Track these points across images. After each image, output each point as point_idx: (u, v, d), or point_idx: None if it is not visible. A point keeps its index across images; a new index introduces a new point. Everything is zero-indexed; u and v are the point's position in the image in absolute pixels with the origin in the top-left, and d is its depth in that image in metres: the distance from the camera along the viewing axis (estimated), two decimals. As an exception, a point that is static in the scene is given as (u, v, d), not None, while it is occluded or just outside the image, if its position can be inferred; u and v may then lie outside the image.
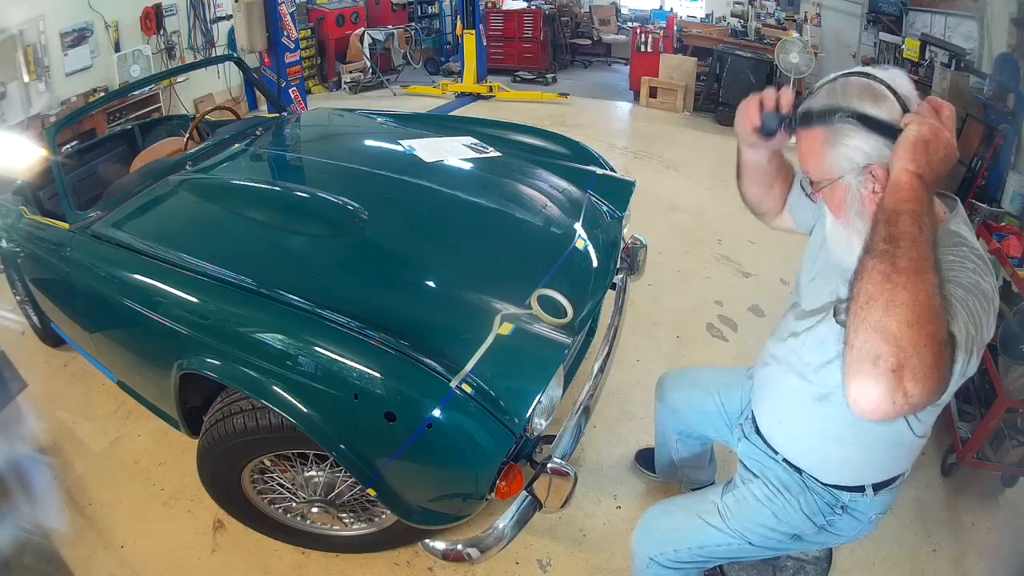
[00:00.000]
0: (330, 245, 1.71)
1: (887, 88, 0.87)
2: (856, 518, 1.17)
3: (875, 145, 0.88)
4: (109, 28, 4.76)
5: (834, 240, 1.02)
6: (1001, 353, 2.01)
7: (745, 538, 1.20)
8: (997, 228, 2.25)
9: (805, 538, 1.20)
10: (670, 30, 6.77)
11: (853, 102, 0.88)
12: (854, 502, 1.15)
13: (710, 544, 1.23)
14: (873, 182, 0.91)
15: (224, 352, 1.44)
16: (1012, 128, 3.92)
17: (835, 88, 0.91)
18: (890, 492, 1.16)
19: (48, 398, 2.42)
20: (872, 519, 1.18)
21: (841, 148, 0.90)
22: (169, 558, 1.77)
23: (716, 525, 1.22)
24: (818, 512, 1.16)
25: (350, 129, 2.70)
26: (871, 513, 1.17)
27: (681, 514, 1.28)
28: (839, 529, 1.18)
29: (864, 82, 0.89)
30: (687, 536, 1.25)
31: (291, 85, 5.77)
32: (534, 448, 1.43)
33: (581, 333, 1.63)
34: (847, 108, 0.89)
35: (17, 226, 2.24)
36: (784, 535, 1.19)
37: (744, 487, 1.25)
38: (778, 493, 1.19)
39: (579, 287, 1.67)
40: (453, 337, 1.39)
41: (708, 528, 1.23)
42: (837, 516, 1.16)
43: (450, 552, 1.33)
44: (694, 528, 1.24)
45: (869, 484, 1.13)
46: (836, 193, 0.95)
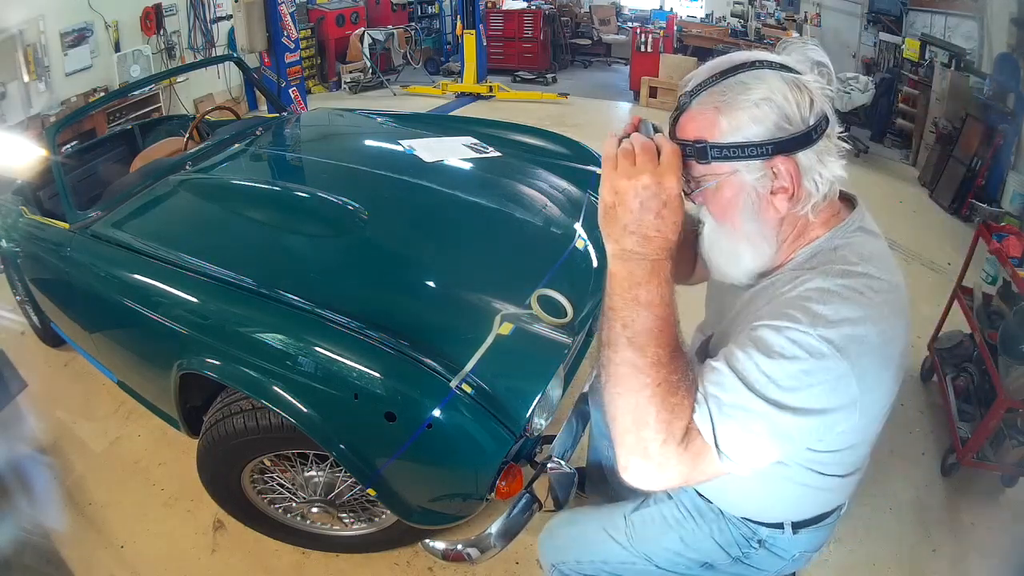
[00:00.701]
0: (330, 245, 1.71)
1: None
2: (776, 554, 1.04)
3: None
4: (109, 28, 4.77)
5: (713, 250, 0.84)
6: (1001, 353, 2.00)
7: (651, 560, 1.10)
8: (997, 228, 2.24)
9: (718, 568, 1.08)
10: (670, 30, 6.78)
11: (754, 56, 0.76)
12: (772, 538, 1.02)
13: (613, 560, 1.13)
14: (774, 179, 0.76)
15: (224, 352, 1.44)
16: (1012, 128, 3.92)
17: (719, 63, 0.78)
18: (819, 530, 1.02)
19: (48, 398, 2.42)
20: (797, 556, 1.05)
21: (740, 115, 0.74)
22: (169, 558, 1.77)
23: (620, 542, 1.12)
24: (733, 543, 1.04)
25: (350, 129, 2.70)
26: (794, 551, 1.04)
27: (587, 524, 1.18)
28: (757, 563, 1.06)
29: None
30: (590, 548, 1.16)
31: (291, 85, 5.77)
32: (534, 448, 1.43)
33: (581, 333, 1.63)
34: (748, 61, 0.76)
35: (17, 226, 2.24)
36: (693, 561, 1.08)
37: (655, 507, 1.13)
38: (689, 517, 1.08)
39: (579, 287, 1.67)
40: (453, 337, 1.39)
41: (612, 543, 1.12)
42: (753, 550, 1.04)
43: (450, 552, 1.33)
44: (598, 541, 1.14)
45: (787, 522, 1.00)
46: (723, 193, 0.78)
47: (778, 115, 0.73)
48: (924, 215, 4.17)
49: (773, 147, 0.74)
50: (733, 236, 0.81)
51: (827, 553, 1.77)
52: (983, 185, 4.02)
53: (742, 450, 0.72)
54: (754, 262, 0.82)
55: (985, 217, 2.75)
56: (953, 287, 2.42)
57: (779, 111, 0.73)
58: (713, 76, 0.77)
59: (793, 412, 0.70)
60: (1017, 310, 2.06)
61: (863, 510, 1.91)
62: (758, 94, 0.73)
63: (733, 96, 0.74)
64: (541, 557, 1.25)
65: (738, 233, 0.80)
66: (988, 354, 2.03)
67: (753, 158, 0.74)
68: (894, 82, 5.31)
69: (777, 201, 0.77)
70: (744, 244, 0.81)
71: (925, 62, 5.01)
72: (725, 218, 0.80)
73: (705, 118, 0.76)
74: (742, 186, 0.77)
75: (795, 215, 0.79)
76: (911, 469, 2.08)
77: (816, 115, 0.74)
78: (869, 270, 0.75)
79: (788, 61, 0.77)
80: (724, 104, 0.75)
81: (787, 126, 0.73)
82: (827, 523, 1.03)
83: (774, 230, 0.81)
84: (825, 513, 1.02)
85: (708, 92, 0.76)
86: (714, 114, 0.75)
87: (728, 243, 0.82)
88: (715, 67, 0.78)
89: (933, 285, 3.17)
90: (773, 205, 0.77)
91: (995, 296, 2.29)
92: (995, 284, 2.36)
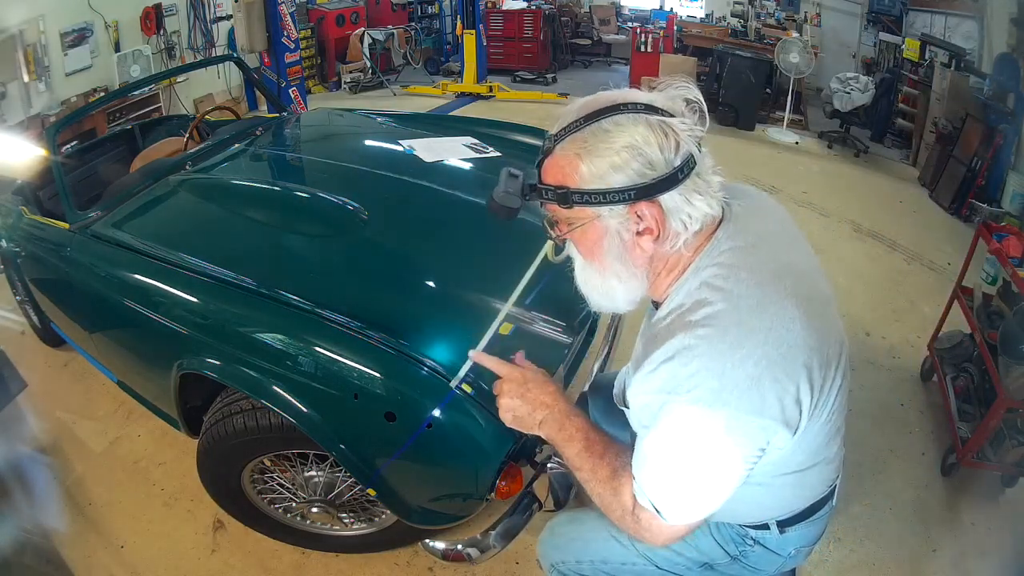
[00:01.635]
0: (330, 245, 1.71)
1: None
2: (773, 551, 1.05)
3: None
4: (109, 28, 4.77)
5: (586, 287, 0.88)
6: (1001, 353, 2.00)
7: (651, 560, 1.11)
8: (997, 228, 2.24)
9: (717, 567, 1.10)
10: (670, 30, 6.77)
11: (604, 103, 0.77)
12: (763, 538, 1.04)
13: (613, 560, 1.14)
14: (638, 222, 0.78)
15: (224, 352, 1.44)
16: (1012, 128, 3.92)
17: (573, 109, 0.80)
18: (810, 525, 1.04)
19: (48, 398, 2.42)
20: (792, 553, 1.06)
21: (600, 162, 0.75)
22: (169, 558, 1.77)
23: (621, 541, 1.12)
24: (729, 541, 1.06)
25: (350, 129, 2.70)
26: (788, 548, 1.05)
27: (589, 523, 1.18)
28: (754, 562, 1.07)
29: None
30: (591, 548, 1.16)
31: (291, 85, 5.77)
32: (534, 448, 1.43)
33: (581, 333, 1.63)
34: (613, 104, 0.76)
35: (17, 226, 2.24)
36: (692, 561, 1.10)
37: None
38: None
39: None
40: (453, 337, 1.39)
41: (613, 543, 1.13)
42: (749, 547, 1.06)
43: (450, 552, 1.32)
44: (599, 540, 1.15)
45: (771, 521, 1.02)
46: (587, 235, 0.81)
47: (640, 162, 0.74)
48: (924, 215, 4.17)
49: (635, 192, 0.75)
50: (603, 274, 0.84)
51: (827, 553, 1.77)
52: (983, 185, 4.02)
53: (680, 510, 0.82)
54: (627, 295, 0.86)
55: (985, 217, 2.75)
56: (953, 287, 2.42)
57: (642, 157, 0.74)
58: (577, 121, 0.77)
59: (705, 469, 0.79)
60: (1017, 310, 2.06)
61: (863, 510, 1.91)
62: (620, 141, 0.74)
63: (595, 143, 0.75)
64: (541, 558, 1.25)
65: (607, 272, 0.84)
66: (988, 354, 2.03)
67: (615, 203, 0.76)
68: (894, 82, 5.31)
69: (643, 242, 0.80)
70: (614, 281, 0.84)
71: (925, 62, 5.01)
72: (593, 257, 0.84)
73: (568, 163, 0.78)
74: (606, 229, 0.79)
75: (664, 251, 0.81)
76: (911, 469, 2.09)
77: (682, 156, 0.75)
78: (733, 289, 0.77)
79: (657, 101, 0.77)
80: (585, 151, 0.76)
81: (650, 171, 0.75)
82: (818, 517, 1.04)
83: (643, 268, 0.84)
84: (812, 508, 1.02)
85: (571, 138, 0.77)
86: (576, 160, 0.77)
87: (599, 280, 0.86)
88: (581, 110, 0.79)
89: (933, 285, 3.18)
90: (639, 246, 0.80)
91: (995, 296, 2.29)
92: (995, 284, 2.36)
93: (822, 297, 0.84)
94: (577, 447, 0.92)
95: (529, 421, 0.97)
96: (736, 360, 0.74)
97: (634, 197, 0.76)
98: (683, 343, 0.76)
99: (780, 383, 0.75)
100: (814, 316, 0.79)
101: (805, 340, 0.77)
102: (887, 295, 3.10)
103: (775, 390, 0.75)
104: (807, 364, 0.77)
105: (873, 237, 3.71)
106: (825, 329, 0.81)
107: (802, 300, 0.79)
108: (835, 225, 3.84)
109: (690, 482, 0.80)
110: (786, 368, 0.76)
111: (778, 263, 0.82)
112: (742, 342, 0.74)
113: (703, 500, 0.82)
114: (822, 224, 3.85)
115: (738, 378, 0.74)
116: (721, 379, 0.73)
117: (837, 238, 3.68)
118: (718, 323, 0.75)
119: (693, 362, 0.75)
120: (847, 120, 5.32)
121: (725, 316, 0.76)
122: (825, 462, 0.95)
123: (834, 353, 0.82)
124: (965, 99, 4.43)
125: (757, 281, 0.78)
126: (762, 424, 0.76)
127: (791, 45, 5.36)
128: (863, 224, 3.85)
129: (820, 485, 1.00)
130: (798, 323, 0.77)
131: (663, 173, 0.75)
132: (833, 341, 0.82)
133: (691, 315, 0.78)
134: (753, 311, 0.76)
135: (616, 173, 0.75)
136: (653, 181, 0.75)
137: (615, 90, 0.81)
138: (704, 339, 0.75)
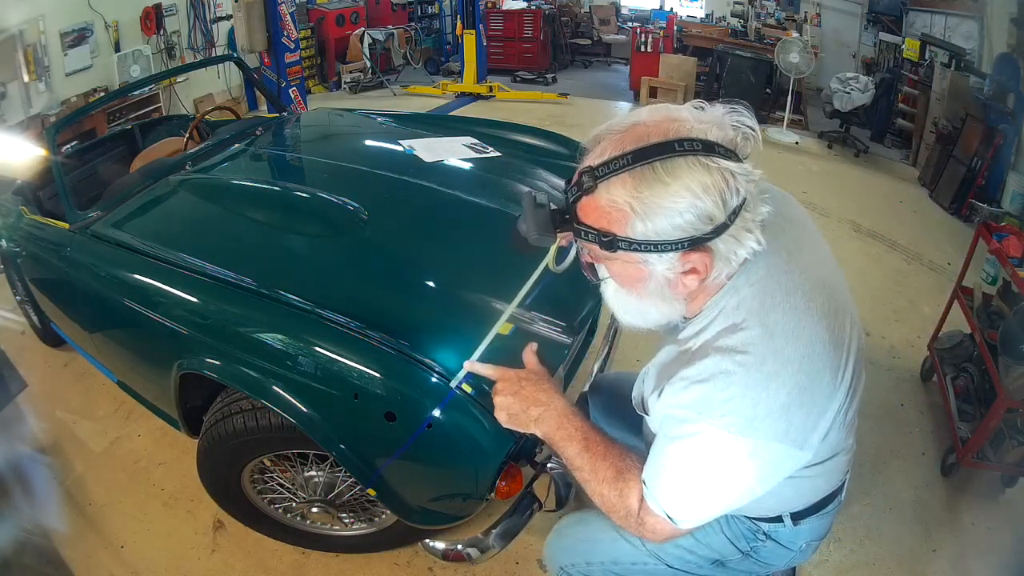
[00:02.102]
0: (330, 245, 1.71)
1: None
2: (784, 546, 1.05)
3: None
4: (109, 28, 4.76)
5: (619, 308, 0.87)
6: (1001, 353, 2.00)
7: (661, 559, 1.09)
8: (997, 228, 2.24)
9: (729, 564, 1.09)
10: (670, 30, 6.78)
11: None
12: (776, 532, 1.04)
13: (624, 561, 1.12)
14: (685, 265, 0.75)
15: (224, 352, 1.44)
16: (1012, 128, 3.92)
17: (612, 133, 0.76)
18: (821, 518, 1.04)
19: (48, 398, 2.42)
20: (803, 547, 1.07)
21: (658, 220, 0.71)
22: (169, 558, 1.77)
23: (631, 541, 1.10)
24: (741, 536, 1.06)
25: (350, 129, 2.70)
26: (800, 542, 1.06)
27: (597, 524, 1.16)
28: (765, 557, 1.07)
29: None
30: (599, 549, 1.14)
31: (291, 85, 5.77)
32: (534, 448, 1.43)
33: (581, 333, 1.63)
34: (663, 142, 0.71)
35: (17, 226, 2.24)
36: (704, 559, 1.08)
37: None
38: None
39: (579, 287, 1.66)
40: (453, 337, 1.39)
41: (622, 543, 1.11)
42: (761, 543, 1.05)
43: (450, 552, 1.32)
44: (607, 540, 1.13)
45: (784, 514, 1.02)
46: (630, 272, 0.79)
47: (698, 215, 0.70)
48: (924, 215, 4.17)
49: (689, 243, 0.72)
50: (640, 301, 0.83)
51: (827, 553, 1.77)
52: (983, 185, 4.02)
53: (694, 517, 0.83)
54: (660, 319, 0.86)
55: (985, 217, 2.75)
56: (953, 287, 2.42)
57: (700, 211, 0.70)
58: (625, 157, 0.71)
59: (725, 486, 0.80)
60: (1017, 310, 2.06)
61: (863, 510, 1.91)
62: (679, 198, 0.69)
63: (651, 198, 0.70)
64: (548, 561, 1.24)
65: (645, 300, 0.83)
66: (988, 354, 2.03)
67: (665, 252, 0.73)
68: (894, 82, 5.31)
69: (687, 280, 0.77)
70: (651, 308, 0.84)
71: (925, 62, 5.01)
72: (632, 288, 0.82)
73: (619, 215, 0.73)
74: (651, 273, 0.77)
75: (706, 284, 0.80)
76: (911, 469, 2.09)
77: (738, 197, 0.72)
78: (769, 316, 0.76)
79: (711, 132, 0.72)
80: (641, 205, 0.71)
81: (706, 225, 0.71)
82: (828, 511, 1.05)
83: (683, 298, 0.83)
84: (823, 501, 1.03)
85: (619, 179, 0.72)
86: (630, 215, 0.72)
87: (635, 305, 0.85)
88: (626, 140, 0.72)
89: (933, 285, 3.18)
90: (683, 283, 0.78)
91: (995, 296, 2.29)
92: (995, 284, 2.36)
93: (844, 309, 0.84)
94: (576, 447, 0.92)
95: (524, 419, 0.96)
96: (772, 390, 0.74)
97: (687, 247, 0.73)
98: (720, 367, 0.76)
99: (806, 408, 0.77)
100: (838, 329, 0.80)
101: (831, 362, 0.78)
102: (887, 295, 3.10)
103: (800, 416, 0.77)
104: (831, 384, 0.79)
105: (873, 237, 3.71)
106: (848, 324, 0.83)
107: (830, 319, 0.80)
108: (835, 225, 3.84)
109: (708, 496, 0.82)
110: (814, 395, 0.77)
111: (809, 280, 0.81)
112: (779, 372, 0.74)
113: (718, 508, 0.84)
114: (822, 224, 3.83)
115: (772, 407, 0.74)
116: (756, 408, 0.74)
117: (837, 238, 3.68)
118: (755, 351, 0.75)
119: (730, 388, 0.75)
120: (847, 120, 5.32)
121: (762, 345, 0.75)
122: (843, 453, 0.97)
123: (854, 349, 0.83)
124: (965, 99, 4.43)
125: (792, 305, 0.78)
126: (785, 450, 0.78)
127: (791, 45, 5.36)
128: (863, 224, 3.85)
129: (837, 474, 1.01)
130: (829, 346, 0.78)
131: (720, 223, 0.72)
132: (852, 344, 0.83)
133: (727, 338, 0.77)
134: (788, 340, 0.76)
135: (672, 229, 0.71)
136: (708, 233, 0.72)
137: (660, 109, 0.76)
138: (742, 366, 0.75)
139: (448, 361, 1.31)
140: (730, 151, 0.72)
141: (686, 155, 0.70)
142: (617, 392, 1.40)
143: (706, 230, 0.72)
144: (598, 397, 1.47)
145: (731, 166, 0.71)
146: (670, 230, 0.71)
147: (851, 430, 0.94)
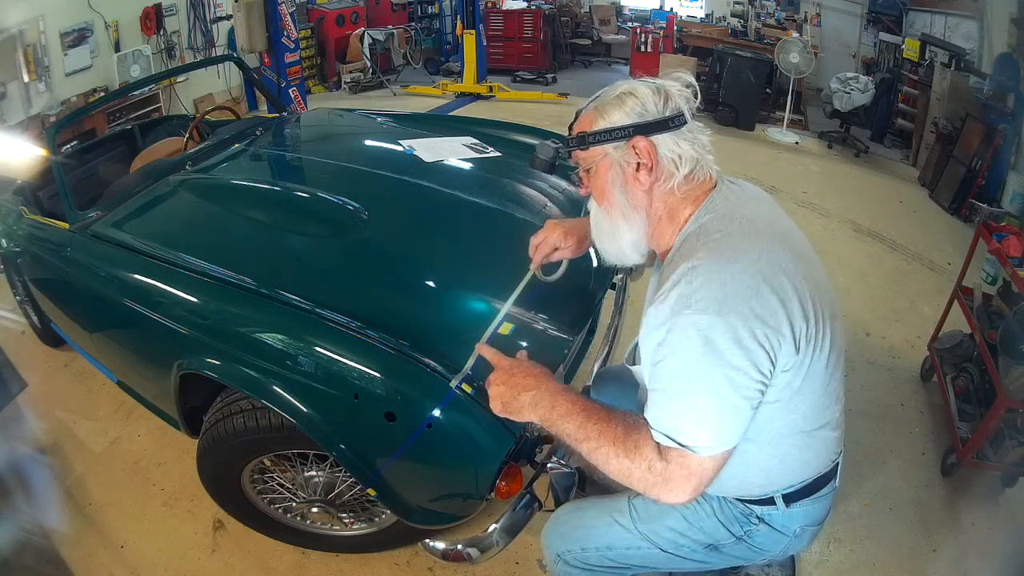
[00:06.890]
0: (330, 245, 1.71)
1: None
2: (778, 530, 1.06)
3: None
4: (109, 28, 4.76)
5: (600, 234, 1.03)
6: (1001, 353, 2.00)
7: (654, 543, 1.11)
8: (997, 228, 2.24)
9: (722, 549, 1.10)
10: (670, 30, 6.78)
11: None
12: (769, 515, 1.05)
13: (618, 546, 1.14)
14: (636, 157, 0.94)
15: (224, 352, 1.44)
16: (1012, 128, 3.92)
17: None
18: (815, 502, 1.05)
19: (48, 398, 2.42)
20: (797, 532, 1.07)
21: (608, 108, 0.96)
22: (169, 558, 1.77)
23: (624, 525, 1.13)
24: (734, 520, 1.07)
25: (350, 129, 2.70)
26: (794, 526, 1.06)
27: (592, 511, 1.20)
28: (759, 542, 1.08)
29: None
30: (594, 534, 1.17)
31: (291, 85, 5.77)
32: (534, 448, 1.43)
33: (581, 332, 1.63)
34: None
35: (17, 226, 2.24)
36: (697, 543, 1.10)
37: None
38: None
39: (579, 287, 1.67)
40: (453, 337, 1.39)
41: (616, 527, 1.14)
42: (754, 526, 1.06)
43: (450, 552, 1.32)
44: (602, 526, 1.16)
45: (777, 495, 1.03)
46: (599, 175, 0.99)
47: (638, 108, 0.94)
48: (924, 215, 4.17)
49: (633, 129, 0.94)
50: (611, 213, 1.00)
51: (827, 553, 1.77)
52: (983, 185, 4.02)
53: (706, 437, 0.85)
54: (631, 237, 1.00)
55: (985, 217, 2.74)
56: (953, 287, 2.42)
57: (639, 103, 0.94)
58: (600, 94, 1.01)
59: (721, 383, 0.83)
60: (1017, 310, 2.06)
61: (863, 510, 1.91)
62: (629, 100, 0.95)
63: (605, 97, 0.99)
64: (545, 549, 1.25)
65: (614, 209, 0.99)
66: (988, 354, 2.03)
67: (618, 139, 0.95)
68: (894, 82, 5.31)
69: (641, 176, 0.96)
70: (620, 219, 0.99)
71: (925, 62, 5.01)
72: (603, 197, 1.00)
73: (588, 119, 1.00)
74: (611, 164, 0.97)
75: (662, 192, 0.96)
76: (911, 469, 2.09)
77: (672, 110, 0.94)
78: (727, 226, 0.90)
79: (659, 79, 0.99)
80: (601, 107, 0.98)
81: (645, 114, 0.94)
82: (822, 495, 1.06)
83: (643, 202, 0.98)
84: (815, 483, 1.04)
85: (594, 104, 1.00)
86: (594, 115, 0.99)
87: (608, 222, 1.01)
88: (604, 89, 1.01)
89: (933, 285, 3.18)
90: (637, 179, 0.96)
91: (995, 296, 2.29)
92: (995, 284, 2.36)
93: (813, 259, 0.94)
94: (577, 419, 0.92)
95: (516, 405, 0.97)
96: (735, 271, 0.84)
97: (632, 133, 0.94)
98: (686, 267, 0.86)
99: (778, 293, 0.84)
100: (806, 262, 0.90)
101: (796, 269, 0.88)
102: (887, 295, 3.10)
103: (775, 298, 0.84)
104: (799, 288, 0.86)
105: (873, 237, 3.71)
106: (816, 278, 0.91)
107: (794, 251, 0.90)
108: (835, 225, 3.84)
109: (708, 402, 0.84)
110: (781, 283, 0.85)
111: (770, 224, 0.94)
112: (738, 257, 0.86)
113: (725, 422, 0.85)
114: (822, 224, 3.85)
115: (739, 287, 0.83)
116: (724, 288, 0.83)
117: (837, 238, 3.68)
118: (716, 246, 0.88)
119: (697, 279, 0.84)
120: (847, 120, 5.32)
121: (723, 240, 0.88)
122: (830, 427, 1.00)
123: (826, 301, 0.91)
124: (965, 99, 4.43)
125: (752, 228, 0.90)
126: (768, 330, 0.83)
127: (791, 45, 5.36)
128: (863, 224, 3.85)
129: (826, 454, 1.03)
130: (789, 256, 0.88)
131: (655, 117, 0.93)
132: (825, 294, 0.92)
133: (692, 249, 0.89)
134: (746, 236, 0.89)
135: (620, 117, 0.95)
136: (646, 122, 0.93)
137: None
138: (704, 259, 0.86)
139: (448, 361, 1.31)
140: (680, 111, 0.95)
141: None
142: (619, 383, 1.42)
143: (648, 119, 0.94)
144: (600, 391, 1.47)
145: (668, 84, 0.96)
146: (620, 118, 0.95)
147: (838, 399, 1.00)
